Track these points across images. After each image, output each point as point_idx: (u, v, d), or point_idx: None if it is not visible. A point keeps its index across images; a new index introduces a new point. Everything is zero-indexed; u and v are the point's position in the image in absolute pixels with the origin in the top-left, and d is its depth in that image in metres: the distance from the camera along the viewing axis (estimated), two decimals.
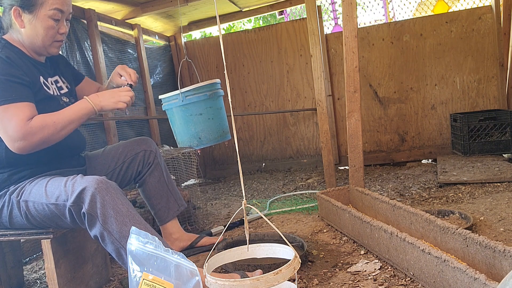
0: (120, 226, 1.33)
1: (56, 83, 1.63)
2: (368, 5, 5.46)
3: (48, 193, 1.39)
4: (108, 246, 1.36)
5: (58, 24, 1.52)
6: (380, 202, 1.93)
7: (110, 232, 1.33)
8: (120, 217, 1.33)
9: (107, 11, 3.12)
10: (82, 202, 1.33)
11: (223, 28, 6.44)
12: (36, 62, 1.56)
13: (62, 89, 1.64)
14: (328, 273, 1.54)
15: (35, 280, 1.89)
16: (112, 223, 1.33)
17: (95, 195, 1.32)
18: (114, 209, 1.33)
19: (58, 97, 1.58)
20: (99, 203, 1.32)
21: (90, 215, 1.33)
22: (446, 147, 3.57)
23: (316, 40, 2.72)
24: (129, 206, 1.38)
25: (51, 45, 1.54)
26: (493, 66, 3.45)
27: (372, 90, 3.70)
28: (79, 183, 1.36)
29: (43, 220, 1.42)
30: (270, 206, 2.65)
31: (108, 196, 1.34)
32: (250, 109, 4.02)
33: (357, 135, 2.21)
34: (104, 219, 1.33)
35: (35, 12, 1.46)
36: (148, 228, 1.37)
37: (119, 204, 1.35)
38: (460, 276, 1.14)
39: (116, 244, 1.33)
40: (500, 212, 1.98)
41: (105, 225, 1.33)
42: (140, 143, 1.83)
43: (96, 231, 1.35)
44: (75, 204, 1.34)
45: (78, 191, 1.33)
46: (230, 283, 0.97)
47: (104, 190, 1.34)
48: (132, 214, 1.37)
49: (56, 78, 1.64)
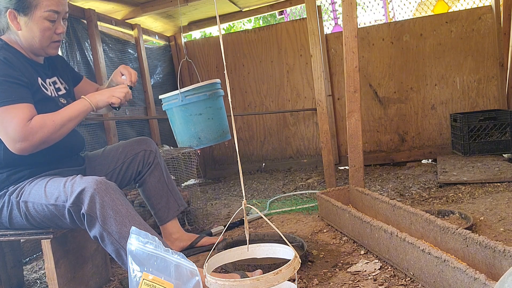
0: (119, 227, 1.33)
1: (54, 84, 1.62)
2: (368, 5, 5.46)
3: (48, 194, 1.39)
4: (108, 246, 1.36)
5: (54, 24, 1.51)
6: (380, 202, 1.93)
7: (109, 232, 1.33)
8: (120, 218, 1.33)
9: (107, 11, 3.12)
10: (81, 203, 1.33)
11: (223, 28, 6.44)
12: (34, 63, 1.56)
13: (60, 90, 1.64)
14: (328, 273, 1.54)
15: (35, 280, 1.89)
16: (111, 224, 1.33)
17: (94, 196, 1.32)
18: (114, 209, 1.33)
19: (56, 98, 1.57)
20: (98, 204, 1.32)
21: (90, 216, 1.33)
22: (446, 147, 3.57)
23: (316, 40, 2.72)
24: (129, 207, 1.38)
25: (49, 46, 1.53)
26: (493, 66, 3.45)
27: (372, 90, 3.70)
28: (78, 184, 1.35)
29: (43, 221, 1.42)
30: (270, 206, 2.65)
31: (107, 197, 1.33)
32: (250, 109, 4.02)
33: (357, 135, 2.20)
34: (103, 219, 1.33)
35: (30, 14, 1.46)
36: (148, 229, 1.37)
37: (119, 205, 1.35)
38: (460, 276, 1.14)
39: (116, 244, 1.33)
40: (500, 212, 1.98)
41: (104, 226, 1.33)
42: (140, 143, 1.83)
43: (96, 231, 1.35)
44: (74, 205, 1.34)
45: (77, 192, 1.33)
46: (230, 283, 0.97)
47: (103, 190, 1.34)
48: (132, 215, 1.36)
49: (55, 79, 1.64)
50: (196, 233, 2.02)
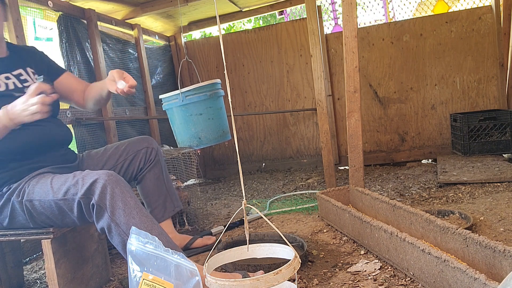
0: (127, 219, 1.34)
1: (18, 76, 1.59)
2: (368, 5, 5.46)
3: (55, 190, 1.39)
4: (115, 238, 1.36)
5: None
6: (380, 202, 1.93)
7: (117, 224, 1.34)
8: (128, 210, 1.34)
9: (107, 11, 3.12)
10: (92, 194, 1.34)
11: (223, 28, 6.44)
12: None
13: (27, 81, 1.60)
14: (328, 273, 1.54)
15: (35, 280, 1.89)
16: (120, 215, 1.34)
17: (106, 186, 1.33)
18: (123, 201, 1.34)
19: (13, 91, 1.53)
20: (108, 195, 1.33)
21: (99, 206, 1.34)
22: (446, 147, 3.57)
23: (316, 40, 2.72)
24: (136, 200, 1.39)
25: None
26: (493, 66, 3.45)
27: (372, 90, 3.70)
28: (90, 176, 1.37)
29: (49, 217, 1.42)
30: (270, 206, 2.65)
31: (117, 189, 1.35)
32: (250, 109, 4.02)
33: (357, 135, 2.20)
34: (112, 210, 1.34)
35: None
36: (154, 222, 1.38)
37: (128, 197, 1.36)
38: (460, 276, 1.14)
39: (123, 236, 1.34)
40: (500, 212, 1.98)
41: (113, 217, 1.34)
42: (142, 141, 1.84)
43: (104, 223, 1.36)
44: (85, 196, 1.35)
45: (89, 183, 1.34)
46: (230, 283, 0.97)
47: (114, 182, 1.35)
48: (140, 207, 1.38)
49: (20, 72, 1.60)
50: (196, 233, 2.02)
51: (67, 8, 2.71)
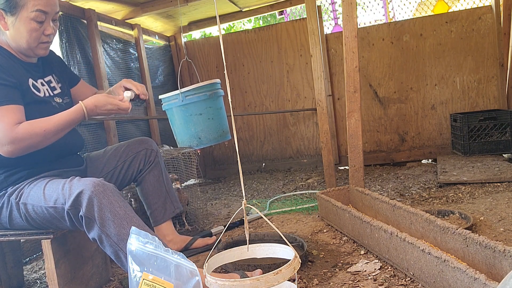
0: (118, 229, 1.32)
1: (49, 83, 1.60)
2: (368, 5, 5.46)
3: (47, 196, 1.38)
4: (107, 248, 1.35)
5: (42, 25, 1.47)
6: (380, 202, 1.93)
7: (108, 235, 1.32)
8: (118, 220, 1.32)
9: (107, 11, 3.12)
10: (80, 205, 1.33)
11: (223, 28, 6.44)
12: (24, 63, 1.54)
13: (55, 89, 1.62)
14: (328, 273, 1.54)
15: (35, 280, 1.89)
16: (110, 226, 1.32)
17: (92, 198, 1.31)
18: (112, 212, 1.32)
19: (49, 98, 1.56)
20: (96, 207, 1.31)
21: (88, 218, 1.32)
22: (446, 147, 3.57)
23: (316, 40, 2.72)
24: (127, 208, 1.37)
25: (37, 46, 1.50)
26: (493, 66, 3.45)
27: (372, 90, 3.70)
28: (76, 186, 1.34)
29: (43, 222, 1.42)
30: (270, 206, 2.65)
31: (105, 199, 1.32)
32: (250, 109, 4.02)
33: (357, 135, 2.20)
34: (101, 222, 1.32)
35: (17, 15, 1.42)
36: (147, 230, 1.36)
37: (117, 207, 1.34)
38: (460, 276, 1.13)
39: (115, 247, 1.33)
40: (500, 212, 1.98)
41: (103, 228, 1.32)
42: (142, 142, 1.84)
43: (94, 234, 1.34)
44: (73, 207, 1.33)
45: (75, 194, 1.32)
46: (230, 283, 0.97)
47: (101, 193, 1.33)
48: (130, 216, 1.36)
49: (50, 78, 1.62)
50: (196, 233, 2.02)
51: (67, 8, 2.71)
